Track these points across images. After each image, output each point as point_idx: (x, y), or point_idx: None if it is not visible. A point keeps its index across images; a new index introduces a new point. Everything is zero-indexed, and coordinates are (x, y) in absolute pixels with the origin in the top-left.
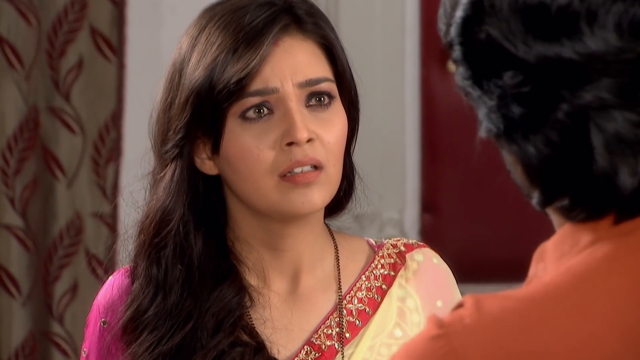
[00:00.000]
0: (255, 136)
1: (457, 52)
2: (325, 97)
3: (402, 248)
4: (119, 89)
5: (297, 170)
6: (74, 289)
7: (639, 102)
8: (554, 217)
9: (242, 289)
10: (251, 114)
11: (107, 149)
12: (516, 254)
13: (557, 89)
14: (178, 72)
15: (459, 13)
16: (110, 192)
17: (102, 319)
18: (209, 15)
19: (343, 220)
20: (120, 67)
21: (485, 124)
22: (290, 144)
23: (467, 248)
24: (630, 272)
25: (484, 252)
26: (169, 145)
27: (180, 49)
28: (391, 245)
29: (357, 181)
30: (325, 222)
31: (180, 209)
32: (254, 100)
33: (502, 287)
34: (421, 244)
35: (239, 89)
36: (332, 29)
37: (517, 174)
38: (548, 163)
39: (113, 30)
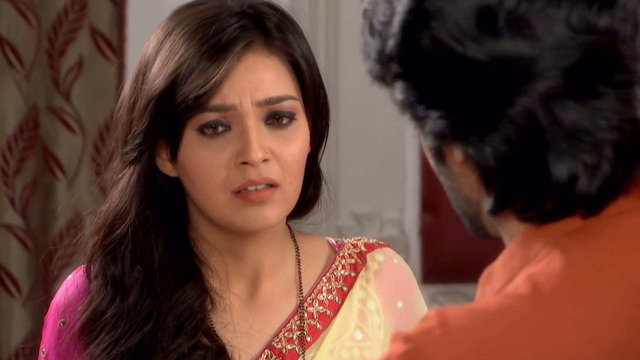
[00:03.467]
0: (211, 151)
1: (397, 65)
2: (284, 118)
3: (363, 248)
4: (119, 89)
5: (251, 188)
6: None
7: (594, 92)
8: (505, 229)
9: (204, 292)
10: (208, 129)
11: (107, 149)
12: None
13: (512, 84)
14: (142, 73)
15: (398, 23)
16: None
17: (62, 319)
18: (177, 19)
19: (343, 219)
20: (121, 67)
21: (438, 131)
22: (244, 162)
23: (466, 248)
24: (591, 275)
25: (483, 252)
26: (128, 148)
27: (147, 48)
28: (352, 245)
29: (323, 186)
30: (287, 224)
31: (134, 212)
32: (212, 115)
33: None
34: (382, 243)
35: (199, 103)
36: (303, 41)
37: (464, 187)
38: (506, 161)
39: (113, 30)
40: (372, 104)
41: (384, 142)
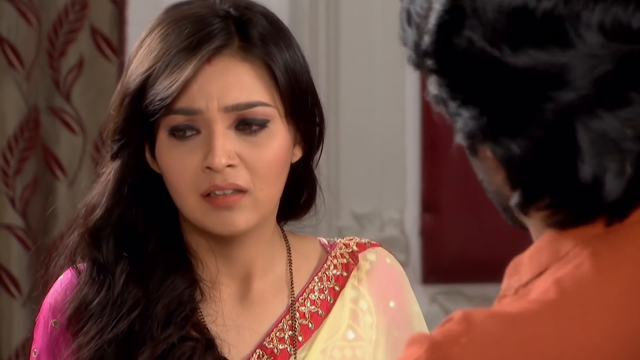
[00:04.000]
0: (180, 154)
1: (432, 61)
2: (254, 124)
3: (355, 248)
4: None
5: (218, 192)
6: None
7: (624, 101)
8: (533, 225)
9: (194, 282)
10: (177, 132)
11: (107, 149)
12: (516, 253)
13: (543, 90)
14: (126, 70)
15: (434, 20)
16: None
17: (53, 320)
18: (161, 18)
19: (344, 220)
20: (121, 67)
21: (468, 130)
22: (208, 167)
23: (467, 248)
24: (620, 281)
25: (484, 252)
26: (110, 142)
27: (136, 42)
28: (344, 244)
29: (318, 191)
30: (279, 225)
31: (109, 204)
32: (179, 118)
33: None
34: (374, 243)
35: (165, 105)
36: (290, 50)
37: (495, 181)
38: (533, 162)
39: (113, 30)
40: (372, 104)
41: (384, 142)
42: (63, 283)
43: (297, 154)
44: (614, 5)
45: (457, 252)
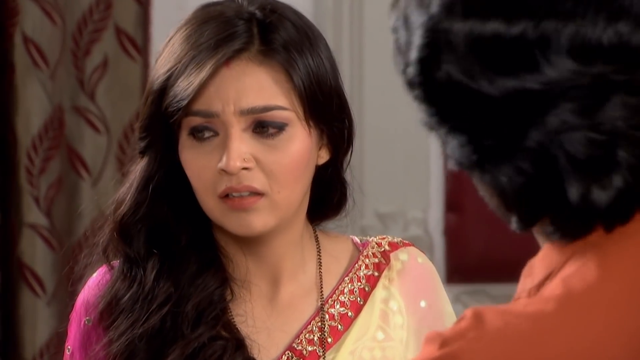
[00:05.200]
0: (199, 155)
1: (417, 92)
2: (271, 127)
3: (387, 247)
4: (144, 89)
5: (235, 194)
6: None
7: (599, 122)
8: (537, 235)
9: (224, 281)
10: (197, 133)
11: (131, 148)
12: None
13: (524, 117)
14: (154, 66)
15: (414, 54)
16: None
17: (86, 317)
18: (189, 17)
19: (367, 219)
20: (145, 66)
21: (456, 157)
22: (223, 170)
23: (491, 247)
24: (624, 278)
25: (507, 251)
26: (137, 138)
27: (165, 40)
28: (376, 244)
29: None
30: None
31: (134, 200)
32: (197, 120)
33: None
34: (407, 242)
35: (182, 106)
36: (312, 52)
37: (492, 201)
38: (522, 190)
39: (138, 29)
40: (396, 104)
41: (408, 142)
42: (96, 280)
43: (324, 157)
44: (583, 24)
45: (480, 252)
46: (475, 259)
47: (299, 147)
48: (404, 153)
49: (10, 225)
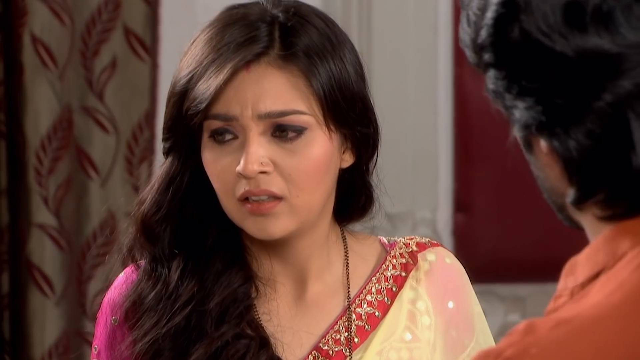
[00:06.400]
0: (219, 157)
1: (489, 54)
2: (290, 131)
3: (415, 247)
4: (153, 89)
5: (254, 198)
6: (107, 288)
7: None
8: (588, 223)
9: (249, 278)
10: (217, 136)
11: (140, 149)
12: (549, 253)
13: (598, 79)
14: (179, 65)
15: (490, 14)
16: None
17: (113, 317)
18: (213, 19)
19: (376, 219)
20: (154, 66)
21: (524, 121)
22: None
23: (500, 247)
24: None
25: (516, 252)
26: (163, 138)
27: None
28: (404, 244)
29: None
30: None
31: (168, 201)
32: (217, 123)
33: (536, 286)
34: (434, 242)
35: (202, 109)
36: (334, 57)
37: (550, 177)
38: (589, 154)
39: (146, 30)
40: (404, 104)
41: (416, 142)
42: (123, 280)
43: (348, 160)
44: None
45: (489, 252)
46: (484, 259)
47: (319, 152)
48: (413, 154)
49: (19, 225)
